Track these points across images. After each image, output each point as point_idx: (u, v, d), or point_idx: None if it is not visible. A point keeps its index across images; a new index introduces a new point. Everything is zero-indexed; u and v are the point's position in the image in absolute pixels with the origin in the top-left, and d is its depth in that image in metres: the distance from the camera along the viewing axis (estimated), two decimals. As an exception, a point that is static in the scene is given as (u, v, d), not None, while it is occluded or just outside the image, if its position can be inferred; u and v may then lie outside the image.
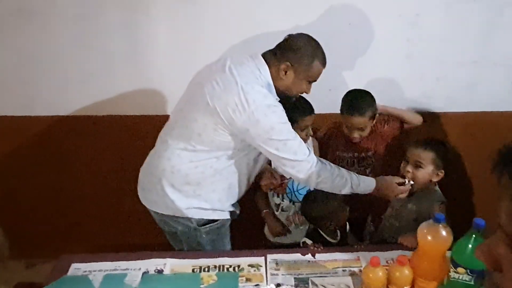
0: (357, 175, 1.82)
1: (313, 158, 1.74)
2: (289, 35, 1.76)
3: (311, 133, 2.05)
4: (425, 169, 1.83)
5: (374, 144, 2.15)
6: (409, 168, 1.84)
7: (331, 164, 1.80)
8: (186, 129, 1.76)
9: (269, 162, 1.99)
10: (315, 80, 1.79)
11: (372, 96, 2.06)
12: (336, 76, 2.15)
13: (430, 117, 2.44)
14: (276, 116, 1.65)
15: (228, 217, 1.94)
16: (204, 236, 1.89)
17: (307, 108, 1.99)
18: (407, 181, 1.79)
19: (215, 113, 1.65)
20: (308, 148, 1.75)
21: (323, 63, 1.76)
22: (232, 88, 1.64)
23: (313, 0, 2.18)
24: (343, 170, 1.80)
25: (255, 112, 1.61)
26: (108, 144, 2.42)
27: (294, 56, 1.70)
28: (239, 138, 1.71)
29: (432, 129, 2.44)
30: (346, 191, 1.77)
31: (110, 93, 2.37)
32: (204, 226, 1.87)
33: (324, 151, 2.23)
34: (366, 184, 1.81)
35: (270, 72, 1.72)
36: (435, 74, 2.38)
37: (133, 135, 1.99)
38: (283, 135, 1.67)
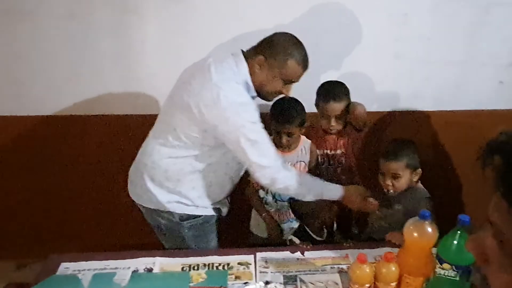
0: (323, 183, 1.80)
1: (278, 165, 1.71)
2: (274, 33, 1.74)
3: (293, 142, 2.02)
4: (403, 177, 1.83)
5: (344, 143, 2.11)
6: (388, 182, 1.84)
7: (297, 172, 1.80)
8: (165, 124, 1.80)
9: None
10: (293, 81, 1.75)
11: (346, 86, 2.04)
12: (325, 76, 2.15)
13: (419, 116, 2.48)
14: (247, 115, 1.64)
15: (213, 213, 1.93)
16: (186, 231, 1.88)
17: (287, 116, 1.94)
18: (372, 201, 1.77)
19: (189, 108, 1.66)
20: (276, 154, 1.74)
21: (301, 65, 1.71)
22: (207, 84, 1.65)
23: (302, 2, 2.19)
24: (308, 179, 1.80)
25: (226, 109, 1.60)
26: (97, 144, 2.42)
27: (270, 51, 1.68)
28: (211, 135, 1.69)
29: (421, 128, 2.47)
30: (308, 198, 1.76)
31: (100, 93, 2.36)
32: (187, 221, 1.86)
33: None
34: (331, 193, 1.77)
35: (248, 67, 1.70)
36: (423, 74, 2.40)
37: (123, 134, 1.99)
38: (252, 135, 1.64)
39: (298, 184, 1.72)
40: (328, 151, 2.12)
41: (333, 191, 1.77)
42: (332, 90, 2.01)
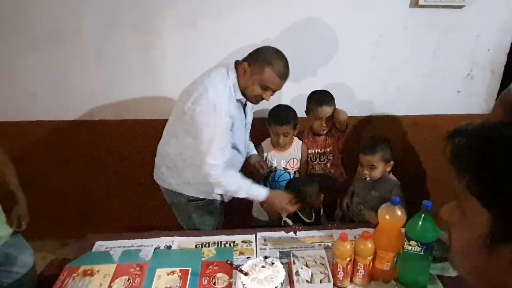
0: (251, 186, 1.72)
1: (220, 167, 1.65)
2: (263, 46, 1.69)
3: (287, 142, 2.01)
4: (378, 167, 1.83)
5: (331, 142, 2.11)
6: (366, 171, 1.84)
7: (236, 174, 1.73)
8: (171, 121, 1.80)
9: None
10: (269, 88, 1.65)
11: (332, 94, 2.03)
12: (314, 86, 2.15)
13: (391, 119, 2.48)
14: (215, 116, 1.58)
15: (215, 198, 1.89)
16: (193, 210, 1.88)
17: (282, 118, 1.94)
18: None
19: (181, 102, 1.67)
20: (222, 156, 1.66)
21: (278, 74, 1.61)
22: (197, 85, 1.64)
23: (294, 21, 2.20)
24: (238, 180, 1.71)
25: (203, 105, 1.58)
26: (126, 141, 2.42)
27: (252, 58, 1.63)
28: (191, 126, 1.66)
29: (393, 129, 2.47)
30: (239, 195, 1.71)
31: (128, 101, 2.37)
32: (193, 202, 1.85)
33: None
34: (257, 193, 1.71)
35: (237, 73, 1.66)
36: (395, 85, 2.41)
37: (146, 134, 2.00)
38: (211, 134, 1.60)
39: (231, 184, 1.67)
40: (319, 150, 2.12)
41: (259, 192, 1.70)
42: (323, 96, 2.01)
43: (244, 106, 1.79)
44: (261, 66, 1.59)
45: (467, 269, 0.53)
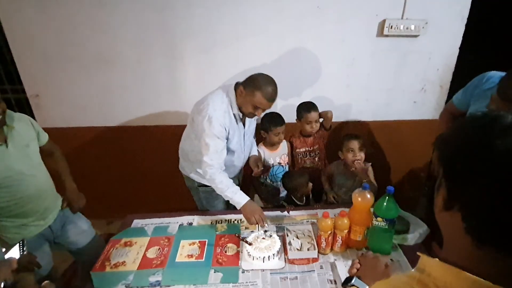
0: (236, 193, 1.61)
1: (214, 167, 1.60)
2: (258, 72, 1.61)
3: (282, 138, 2.00)
4: (362, 151, 1.83)
5: (318, 141, 2.10)
6: (357, 155, 1.81)
7: (227, 179, 1.64)
8: (188, 124, 1.79)
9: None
10: (259, 107, 1.58)
11: (315, 104, 2.03)
12: (301, 98, 2.15)
13: (362, 124, 2.48)
14: (211, 126, 1.55)
15: None
16: (201, 193, 1.86)
17: (279, 121, 1.94)
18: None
19: (192, 112, 1.68)
20: (218, 158, 1.62)
21: (266, 97, 1.54)
22: (204, 100, 1.64)
23: (286, 49, 2.19)
24: (227, 185, 1.62)
25: (204, 117, 1.57)
26: (156, 142, 2.42)
27: (247, 83, 1.57)
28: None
29: (364, 131, 2.47)
30: (224, 196, 1.63)
31: (158, 112, 2.38)
32: (201, 188, 1.84)
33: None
34: (237, 200, 1.60)
35: (236, 92, 1.61)
36: (365, 97, 2.40)
37: (173, 136, 2.00)
38: (207, 140, 1.57)
39: (220, 184, 1.61)
40: (308, 148, 2.11)
41: (239, 199, 1.60)
42: (310, 105, 2.01)
43: (243, 119, 1.74)
44: (253, 90, 1.54)
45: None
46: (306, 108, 2.01)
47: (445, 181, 0.51)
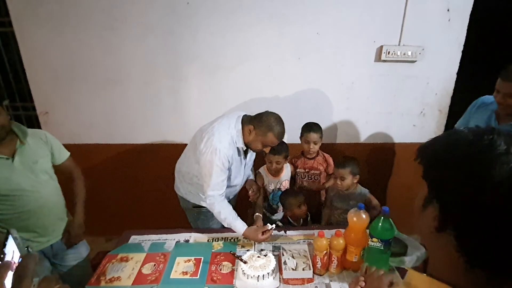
0: (235, 221, 1.63)
1: (215, 197, 1.63)
2: (266, 111, 1.62)
3: (280, 167, 1.97)
4: (347, 179, 1.83)
5: (318, 166, 2.10)
6: (338, 181, 1.85)
7: (228, 207, 1.66)
8: (190, 146, 1.80)
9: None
10: (269, 146, 1.63)
11: (319, 125, 2.04)
12: (300, 121, 2.19)
13: (361, 145, 2.47)
14: (215, 157, 1.56)
15: None
16: (195, 214, 1.85)
17: (277, 149, 1.87)
18: (269, 227, 1.62)
19: (197, 138, 1.69)
20: (220, 189, 1.63)
21: (277, 137, 1.57)
22: (210, 127, 1.65)
23: (288, 73, 2.24)
24: (227, 213, 1.63)
25: (208, 147, 1.58)
26: (159, 160, 2.43)
27: (258, 123, 1.58)
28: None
29: (364, 153, 2.46)
30: (224, 224, 1.65)
31: (161, 130, 2.41)
32: (196, 209, 1.83)
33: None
34: (237, 227, 1.62)
35: (243, 129, 1.62)
36: (364, 120, 2.42)
37: (172, 154, 2.01)
38: (211, 171, 1.58)
39: (221, 213, 1.63)
40: (308, 170, 2.11)
41: (238, 227, 1.62)
42: (311, 126, 2.02)
43: (246, 151, 1.74)
44: (264, 131, 1.56)
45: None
46: (307, 127, 2.04)
47: (436, 203, 0.51)
